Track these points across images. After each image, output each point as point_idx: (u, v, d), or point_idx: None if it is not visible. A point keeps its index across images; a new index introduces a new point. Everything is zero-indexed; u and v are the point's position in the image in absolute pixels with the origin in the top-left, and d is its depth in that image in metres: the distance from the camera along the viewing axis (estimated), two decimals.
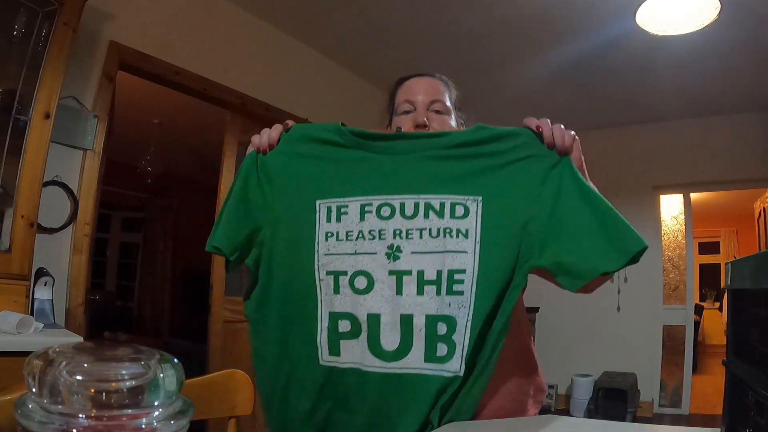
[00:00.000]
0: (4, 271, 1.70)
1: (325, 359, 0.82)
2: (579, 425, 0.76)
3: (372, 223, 0.81)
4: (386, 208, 0.81)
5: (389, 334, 0.78)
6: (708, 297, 8.70)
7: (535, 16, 3.00)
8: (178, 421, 0.40)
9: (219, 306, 3.03)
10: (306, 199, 0.85)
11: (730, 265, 0.63)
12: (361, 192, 0.83)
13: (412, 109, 1.02)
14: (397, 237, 0.80)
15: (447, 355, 0.77)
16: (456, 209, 0.80)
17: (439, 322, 0.77)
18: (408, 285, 0.79)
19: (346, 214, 0.83)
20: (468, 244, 0.78)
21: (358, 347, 0.80)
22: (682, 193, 4.73)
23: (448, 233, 0.79)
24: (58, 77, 1.85)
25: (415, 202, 0.81)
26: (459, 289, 0.77)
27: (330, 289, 0.81)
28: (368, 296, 0.80)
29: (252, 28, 3.16)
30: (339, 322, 0.81)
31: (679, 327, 4.60)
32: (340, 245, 0.82)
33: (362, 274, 0.80)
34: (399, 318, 0.78)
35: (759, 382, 0.50)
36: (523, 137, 0.84)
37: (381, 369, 0.78)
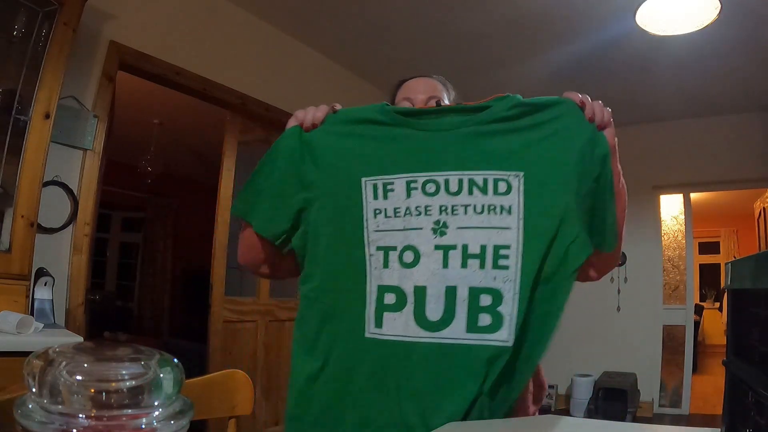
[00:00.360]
0: (4, 271, 1.70)
1: (371, 331, 0.83)
2: (579, 425, 0.76)
3: (418, 199, 0.84)
4: (431, 184, 0.84)
5: (434, 305, 0.80)
6: (708, 297, 8.70)
7: (535, 16, 3.00)
8: (178, 421, 0.40)
9: (219, 306, 3.03)
10: (351, 177, 0.86)
11: (730, 265, 0.63)
12: (406, 169, 0.85)
13: (411, 105, 1.04)
14: (443, 213, 0.83)
15: (491, 325, 0.79)
16: (499, 185, 0.82)
17: (483, 294, 0.80)
18: (453, 258, 0.81)
19: (393, 191, 0.85)
20: (512, 220, 0.81)
21: (400, 319, 0.81)
22: (682, 193, 4.73)
23: (492, 210, 0.81)
24: (58, 77, 1.85)
25: (459, 178, 0.83)
26: (504, 263, 0.80)
27: (380, 263, 0.84)
28: (415, 269, 0.82)
29: (252, 28, 3.16)
30: (385, 295, 0.83)
31: (679, 327, 4.60)
32: (389, 222, 0.84)
33: (410, 248, 0.83)
34: (444, 290, 0.80)
35: (759, 382, 0.50)
36: (563, 107, 0.86)
37: (426, 339, 0.80)
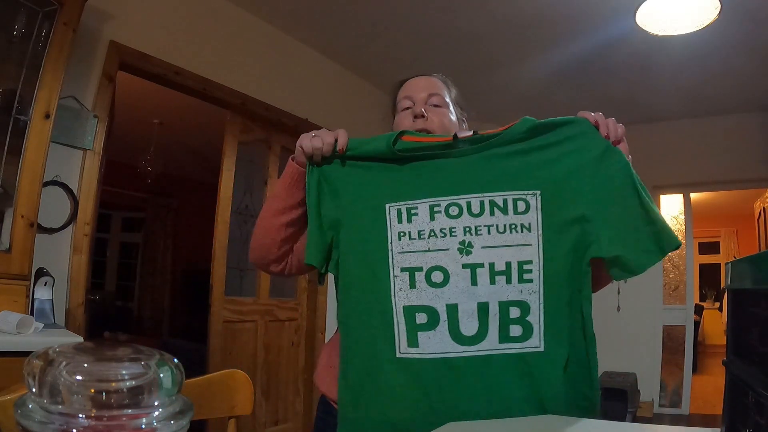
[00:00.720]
0: (4, 271, 1.70)
1: (403, 351, 0.86)
2: (579, 425, 0.76)
3: (442, 222, 0.88)
4: (454, 207, 0.88)
5: (467, 321, 0.85)
6: (708, 297, 8.70)
7: (535, 16, 3.00)
8: (178, 421, 0.40)
9: (219, 306, 3.03)
10: (375, 204, 0.91)
11: (730, 265, 0.64)
12: (428, 194, 0.89)
13: (412, 104, 1.09)
14: (467, 234, 0.88)
15: (523, 335, 0.85)
16: (518, 205, 0.87)
17: (512, 307, 0.85)
18: (482, 276, 0.86)
19: (417, 215, 0.89)
20: (532, 237, 0.86)
21: (436, 337, 0.85)
22: (682, 193, 4.73)
23: (514, 228, 0.87)
24: (58, 77, 1.85)
25: (480, 200, 0.88)
26: (528, 277, 0.85)
27: (406, 284, 0.88)
28: (445, 288, 0.86)
29: (252, 28, 3.17)
30: (416, 315, 0.87)
31: (679, 327, 4.60)
32: (414, 243, 0.89)
33: (438, 269, 0.87)
34: (476, 306, 0.86)
35: (759, 382, 0.50)
36: (577, 126, 0.89)
37: (463, 353, 0.85)
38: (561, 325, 0.86)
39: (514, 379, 0.84)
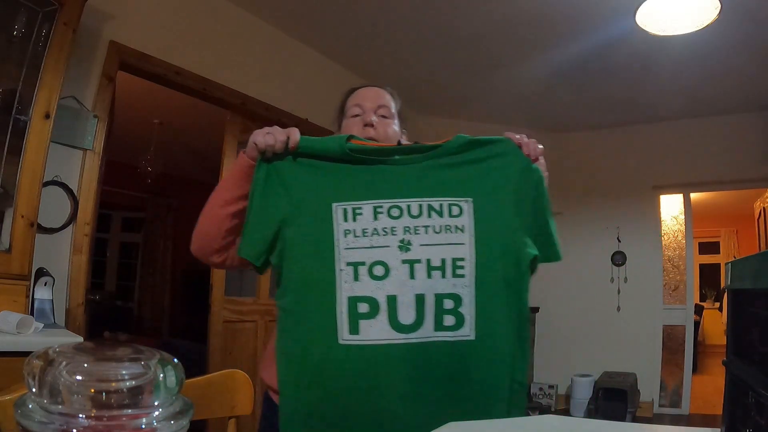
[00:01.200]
0: (4, 271, 1.70)
1: (345, 338, 0.93)
2: (579, 425, 0.76)
3: (384, 222, 0.97)
4: (395, 209, 0.98)
5: (405, 311, 0.93)
6: (708, 297, 8.70)
7: (535, 16, 3.00)
8: (178, 421, 0.40)
9: (219, 306, 3.03)
10: (322, 203, 0.98)
11: (730, 265, 0.64)
12: (373, 197, 0.98)
13: (361, 112, 1.20)
14: (407, 233, 0.97)
15: (456, 324, 0.94)
16: (452, 209, 0.98)
17: (446, 299, 0.94)
18: (419, 271, 0.95)
19: (361, 215, 0.97)
20: (465, 237, 0.97)
21: (376, 325, 0.93)
22: (682, 193, 4.73)
23: (448, 229, 0.97)
24: (58, 77, 1.85)
25: (419, 204, 0.98)
26: (461, 273, 0.95)
27: (350, 277, 0.95)
28: (386, 281, 0.94)
29: (252, 28, 3.17)
30: (358, 304, 0.94)
31: (679, 327, 4.60)
32: (358, 240, 0.96)
33: (379, 263, 0.95)
34: (414, 297, 0.94)
35: (759, 382, 0.50)
36: (502, 145, 1.04)
37: (401, 341, 0.93)
38: (491, 317, 0.96)
39: (446, 364, 0.93)
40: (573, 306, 4.85)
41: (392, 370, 0.93)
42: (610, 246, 4.77)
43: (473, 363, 0.94)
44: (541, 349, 4.97)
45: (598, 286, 4.75)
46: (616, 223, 4.75)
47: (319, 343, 0.95)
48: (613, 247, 4.76)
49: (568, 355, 4.82)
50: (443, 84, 4.04)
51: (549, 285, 4.89)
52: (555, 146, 5.08)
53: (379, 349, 0.93)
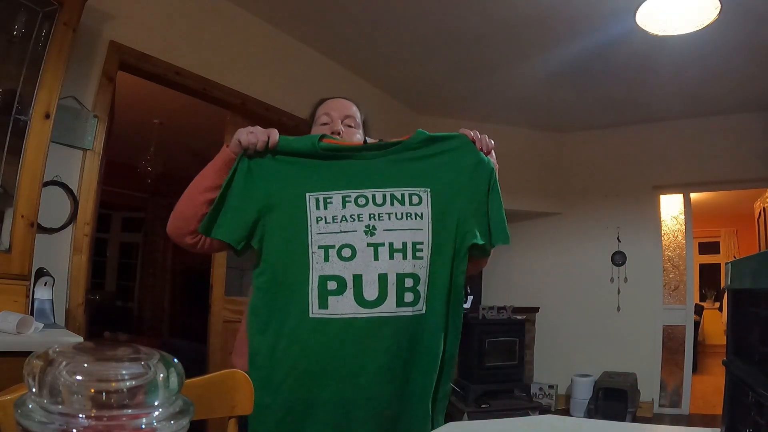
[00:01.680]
0: (4, 271, 1.70)
1: (315, 313, 1.05)
2: (579, 425, 0.76)
3: (351, 209, 1.08)
4: (362, 198, 1.09)
5: (369, 288, 1.05)
6: (708, 297, 8.70)
7: (535, 16, 3.00)
8: (178, 421, 0.40)
9: (219, 306, 3.03)
10: (297, 193, 1.09)
11: (730, 265, 0.64)
12: (341, 187, 1.10)
13: (330, 121, 1.33)
14: (372, 219, 1.08)
15: (413, 300, 1.06)
16: (412, 198, 1.10)
17: (407, 278, 1.06)
18: (382, 253, 1.06)
19: (331, 204, 1.09)
20: (423, 223, 1.09)
21: (343, 301, 1.04)
22: (682, 193, 4.73)
23: (409, 216, 1.09)
24: (58, 77, 1.85)
25: (383, 194, 1.10)
26: (420, 255, 1.08)
27: (321, 258, 1.06)
28: (352, 262, 1.06)
29: (252, 28, 3.17)
30: (328, 282, 1.05)
31: (679, 327, 4.60)
32: (329, 226, 1.08)
33: (347, 246, 1.06)
34: (377, 277, 1.05)
35: (759, 382, 0.50)
36: (457, 140, 1.16)
37: (365, 315, 1.04)
38: (440, 294, 1.09)
39: (403, 335, 1.06)
40: (573, 306, 4.85)
41: (357, 341, 1.04)
42: (610, 246, 4.77)
43: (424, 334, 1.07)
44: (541, 349, 4.97)
45: (598, 286, 4.75)
46: (616, 223, 4.75)
47: (292, 317, 1.06)
48: (613, 247, 4.76)
49: (568, 355, 4.82)
50: (443, 84, 4.04)
51: (549, 285, 4.90)
52: (555, 146, 5.08)
53: (345, 321, 1.04)
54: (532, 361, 4.94)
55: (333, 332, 1.04)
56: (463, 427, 0.78)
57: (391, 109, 4.33)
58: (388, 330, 1.05)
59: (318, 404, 1.05)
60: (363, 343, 1.04)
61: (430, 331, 1.08)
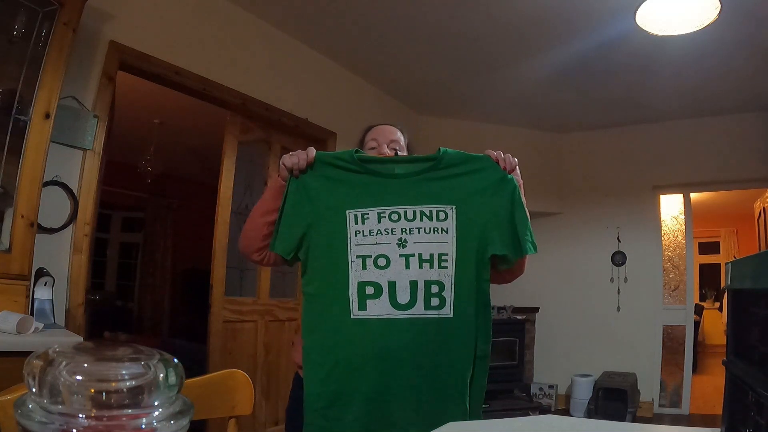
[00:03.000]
0: (4, 271, 1.70)
1: (356, 314, 1.20)
2: (579, 425, 0.76)
3: (386, 224, 1.23)
4: (395, 214, 1.24)
5: (402, 293, 1.20)
6: (708, 297, 8.70)
7: (535, 16, 3.00)
8: (178, 421, 0.40)
9: (219, 306, 3.03)
10: (338, 209, 1.25)
11: (730, 265, 0.64)
12: (377, 204, 1.24)
13: (377, 145, 1.49)
14: (403, 233, 1.23)
15: (439, 305, 1.21)
16: (440, 215, 1.24)
17: (433, 285, 1.21)
18: (413, 262, 1.21)
19: (368, 219, 1.24)
20: (449, 237, 1.23)
21: (379, 304, 1.19)
22: (682, 193, 4.72)
23: (436, 230, 1.23)
24: (58, 77, 1.85)
25: (413, 210, 1.24)
26: (444, 265, 1.22)
27: (359, 267, 1.22)
28: (387, 270, 1.21)
29: (252, 28, 3.17)
30: (366, 288, 1.20)
31: (679, 327, 4.60)
32: (366, 239, 1.22)
33: (382, 256, 1.22)
34: (408, 283, 1.20)
35: (759, 382, 0.50)
36: (482, 160, 1.28)
37: (398, 316, 1.19)
38: (465, 300, 1.22)
39: (431, 334, 1.20)
40: (573, 306, 4.85)
41: (391, 339, 1.19)
42: (610, 246, 4.77)
43: (450, 335, 1.21)
44: (541, 349, 4.97)
45: (598, 286, 4.75)
46: (616, 223, 4.75)
47: (336, 318, 1.21)
48: (613, 247, 4.76)
49: (568, 355, 4.82)
50: (443, 84, 4.04)
51: (549, 285, 4.89)
52: (555, 146, 5.08)
53: (382, 322, 1.19)
54: (532, 361, 4.94)
55: (371, 331, 1.19)
56: (463, 427, 0.78)
57: (392, 109, 4.33)
58: (417, 329, 1.19)
59: (359, 393, 1.19)
60: (397, 339, 1.19)
61: (460, 332, 1.21)
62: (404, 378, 1.19)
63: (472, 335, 1.23)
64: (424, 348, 1.20)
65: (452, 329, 1.21)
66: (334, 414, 1.20)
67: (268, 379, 3.24)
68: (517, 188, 1.26)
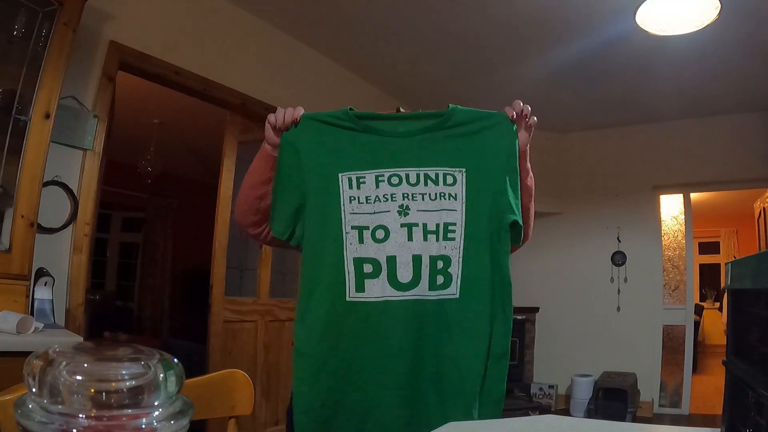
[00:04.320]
0: (4, 271, 1.70)
1: (352, 296, 1.03)
2: (579, 425, 0.76)
3: (385, 189, 1.06)
4: (395, 177, 1.07)
5: (404, 270, 1.03)
6: (708, 297, 8.70)
7: (534, 16, 3.00)
8: (178, 421, 0.40)
9: (219, 306, 3.03)
10: (330, 173, 1.08)
11: (730, 265, 0.64)
12: (375, 166, 1.07)
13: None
14: (405, 199, 1.05)
15: (444, 283, 1.03)
16: (447, 178, 1.07)
17: (438, 260, 1.03)
18: (416, 233, 1.04)
19: (364, 183, 1.07)
20: (457, 204, 1.06)
21: (378, 284, 1.03)
22: (682, 193, 4.73)
23: (443, 196, 1.06)
24: (58, 77, 1.85)
25: (416, 173, 1.07)
26: (452, 236, 1.05)
27: (355, 239, 1.04)
28: (386, 243, 1.04)
29: (252, 28, 3.17)
30: (363, 265, 1.03)
31: (679, 327, 4.60)
32: (362, 206, 1.06)
33: (381, 227, 1.05)
34: (411, 258, 1.03)
35: (759, 382, 0.50)
36: (496, 117, 1.11)
37: (399, 297, 1.02)
38: (478, 278, 1.04)
39: (435, 320, 1.03)
40: (573, 306, 4.85)
41: (390, 324, 1.02)
42: (610, 246, 4.77)
43: (455, 320, 1.03)
44: (541, 349, 4.97)
45: (598, 286, 4.75)
46: (616, 223, 4.75)
47: (330, 301, 1.04)
48: (613, 247, 4.76)
49: (568, 355, 4.82)
50: (443, 84, 4.04)
51: (549, 285, 4.90)
52: (555, 146, 5.08)
53: (380, 305, 1.02)
54: (532, 361, 4.94)
55: (368, 315, 1.03)
56: (463, 427, 0.78)
57: (392, 110, 4.32)
58: (420, 313, 1.02)
59: (351, 396, 1.04)
60: (396, 326, 1.02)
61: (468, 319, 1.03)
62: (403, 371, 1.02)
63: (486, 323, 1.03)
64: (426, 335, 1.02)
65: (458, 314, 1.03)
66: (324, 416, 1.04)
67: (268, 379, 3.24)
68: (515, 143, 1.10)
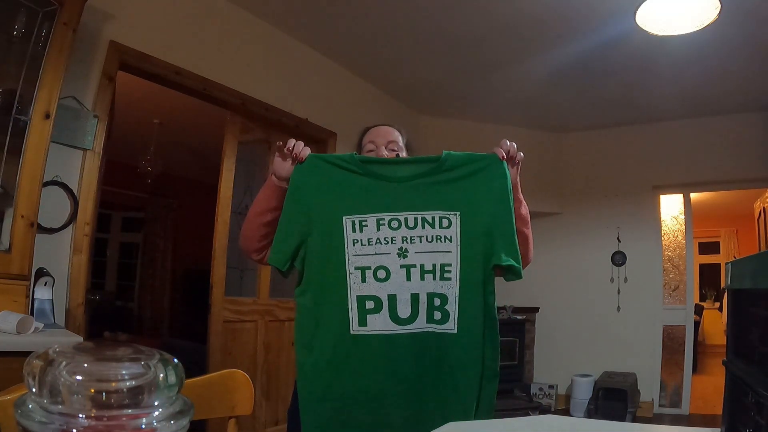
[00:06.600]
0: (4, 271, 1.70)
1: (355, 329, 1.14)
2: (579, 425, 0.76)
3: (385, 232, 1.16)
4: (395, 221, 1.16)
5: (403, 307, 1.13)
6: (708, 297, 8.70)
7: (534, 16, 3.00)
8: (178, 421, 0.40)
9: (219, 306, 3.03)
10: (335, 216, 1.17)
11: (730, 265, 0.64)
12: (376, 210, 1.17)
13: (374, 148, 1.42)
14: (404, 242, 1.15)
15: (442, 319, 1.14)
16: (442, 221, 1.16)
17: (435, 297, 1.14)
18: (414, 274, 1.14)
19: (366, 226, 1.16)
20: (452, 246, 1.15)
21: (380, 319, 1.13)
22: (682, 193, 4.72)
23: (439, 239, 1.15)
24: (58, 77, 1.84)
25: (414, 217, 1.16)
26: (448, 276, 1.15)
27: (358, 279, 1.15)
28: (387, 282, 1.14)
29: (252, 28, 3.16)
30: (366, 302, 1.14)
31: (679, 327, 4.60)
32: (364, 248, 1.16)
33: (382, 268, 1.15)
34: (410, 296, 1.14)
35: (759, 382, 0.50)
36: (488, 159, 1.20)
37: (399, 331, 1.13)
38: (471, 314, 1.15)
39: (433, 350, 1.14)
40: (573, 306, 4.85)
41: (392, 355, 1.13)
42: (610, 246, 4.77)
43: (454, 352, 1.14)
44: (541, 349, 4.97)
45: (598, 286, 4.75)
46: (616, 223, 4.75)
47: (334, 334, 1.14)
48: (613, 247, 4.76)
49: (568, 355, 4.82)
50: (443, 84, 4.04)
51: (549, 285, 4.89)
52: (555, 146, 5.08)
53: (382, 337, 1.13)
54: (532, 361, 4.94)
55: (371, 347, 1.13)
56: (463, 427, 0.78)
57: (392, 110, 4.33)
58: (420, 345, 1.13)
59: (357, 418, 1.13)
60: (398, 357, 1.13)
61: (465, 349, 1.14)
62: (405, 404, 1.12)
63: (479, 353, 1.14)
64: (427, 368, 1.13)
65: (457, 346, 1.13)
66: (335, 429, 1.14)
67: (268, 379, 3.24)
68: (507, 182, 1.18)
